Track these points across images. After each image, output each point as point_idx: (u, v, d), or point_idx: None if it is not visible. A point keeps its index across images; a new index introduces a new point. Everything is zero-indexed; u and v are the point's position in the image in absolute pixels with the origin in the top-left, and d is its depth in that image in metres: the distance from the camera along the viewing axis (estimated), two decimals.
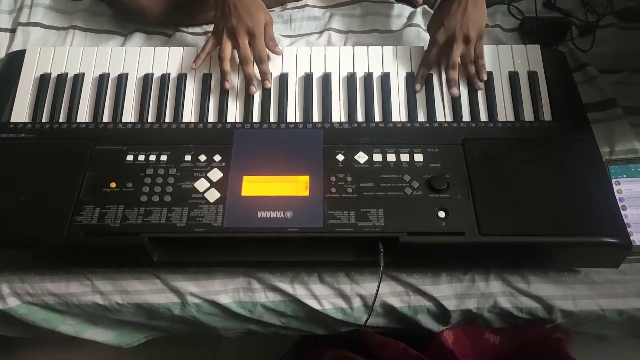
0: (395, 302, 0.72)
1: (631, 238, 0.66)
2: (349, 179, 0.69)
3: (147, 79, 0.82)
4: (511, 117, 0.78)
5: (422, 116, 0.78)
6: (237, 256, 0.70)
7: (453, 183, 0.69)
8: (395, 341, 0.74)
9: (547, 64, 0.82)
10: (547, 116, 0.78)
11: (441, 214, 0.66)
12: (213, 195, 0.68)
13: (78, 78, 0.82)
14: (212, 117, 0.79)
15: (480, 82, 0.80)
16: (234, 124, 0.77)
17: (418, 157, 0.71)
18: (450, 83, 0.80)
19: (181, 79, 0.82)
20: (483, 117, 0.78)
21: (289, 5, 1.01)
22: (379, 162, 0.71)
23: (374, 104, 0.79)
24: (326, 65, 0.83)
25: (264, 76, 0.80)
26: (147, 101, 0.80)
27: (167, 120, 0.79)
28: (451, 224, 0.65)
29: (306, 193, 0.68)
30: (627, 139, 0.81)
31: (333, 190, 0.68)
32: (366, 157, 0.71)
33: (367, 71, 0.82)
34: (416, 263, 0.72)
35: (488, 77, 0.80)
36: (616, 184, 0.76)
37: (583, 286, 0.71)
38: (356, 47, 0.85)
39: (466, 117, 0.78)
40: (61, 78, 0.82)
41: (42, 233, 0.66)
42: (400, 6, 1.00)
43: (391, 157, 0.71)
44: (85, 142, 0.74)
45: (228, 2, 0.78)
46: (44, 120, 0.79)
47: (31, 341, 1.02)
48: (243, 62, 0.79)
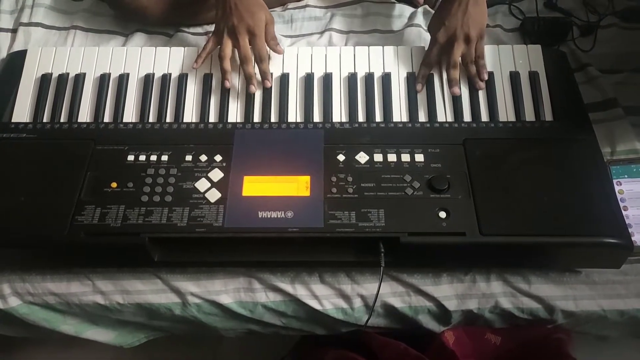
0: (396, 303, 0.72)
1: (632, 238, 0.66)
2: (350, 179, 0.69)
3: (148, 79, 0.82)
4: (512, 117, 0.78)
5: (423, 116, 0.78)
6: (238, 256, 0.70)
7: (454, 183, 0.68)
8: (396, 341, 0.74)
9: (548, 64, 0.82)
10: (548, 116, 0.78)
11: (442, 214, 0.66)
12: (214, 195, 0.68)
13: (79, 78, 0.82)
14: (213, 117, 0.79)
15: (481, 82, 0.80)
16: (235, 124, 0.77)
17: (419, 157, 0.71)
18: (451, 82, 0.79)
19: (182, 79, 0.82)
20: (484, 117, 0.78)
21: (290, 5, 1.01)
22: (380, 162, 0.71)
23: (375, 104, 0.79)
24: (327, 65, 0.83)
25: (264, 75, 0.80)
26: (148, 101, 0.80)
27: (168, 120, 0.79)
28: (452, 224, 0.65)
29: (307, 193, 0.68)
30: (628, 139, 0.81)
31: (334, 190, 0.68)
32: (367, 157, 0.71)
33: (368, 71, 0.82)
34: (417, 263, 0.72)
35: (489, 77, 0.80)
36: (617, 184, 0.76)
37: (584, 287, 0.71)
38: (357, 47, 0.85)
39: (467, 117, 0.78)
40: (62, 78, 0.82)
41: (43, 233, 0.66)
42: (401, 6, 1.00)
43: (392, 157, 0.71)
44: (86, 142, 0.74)
45: (229, 2, 0.77)
46: (45, 120, 0.79)
47: (32, 341, 1.01)
48: (243, 61, 0.79)
